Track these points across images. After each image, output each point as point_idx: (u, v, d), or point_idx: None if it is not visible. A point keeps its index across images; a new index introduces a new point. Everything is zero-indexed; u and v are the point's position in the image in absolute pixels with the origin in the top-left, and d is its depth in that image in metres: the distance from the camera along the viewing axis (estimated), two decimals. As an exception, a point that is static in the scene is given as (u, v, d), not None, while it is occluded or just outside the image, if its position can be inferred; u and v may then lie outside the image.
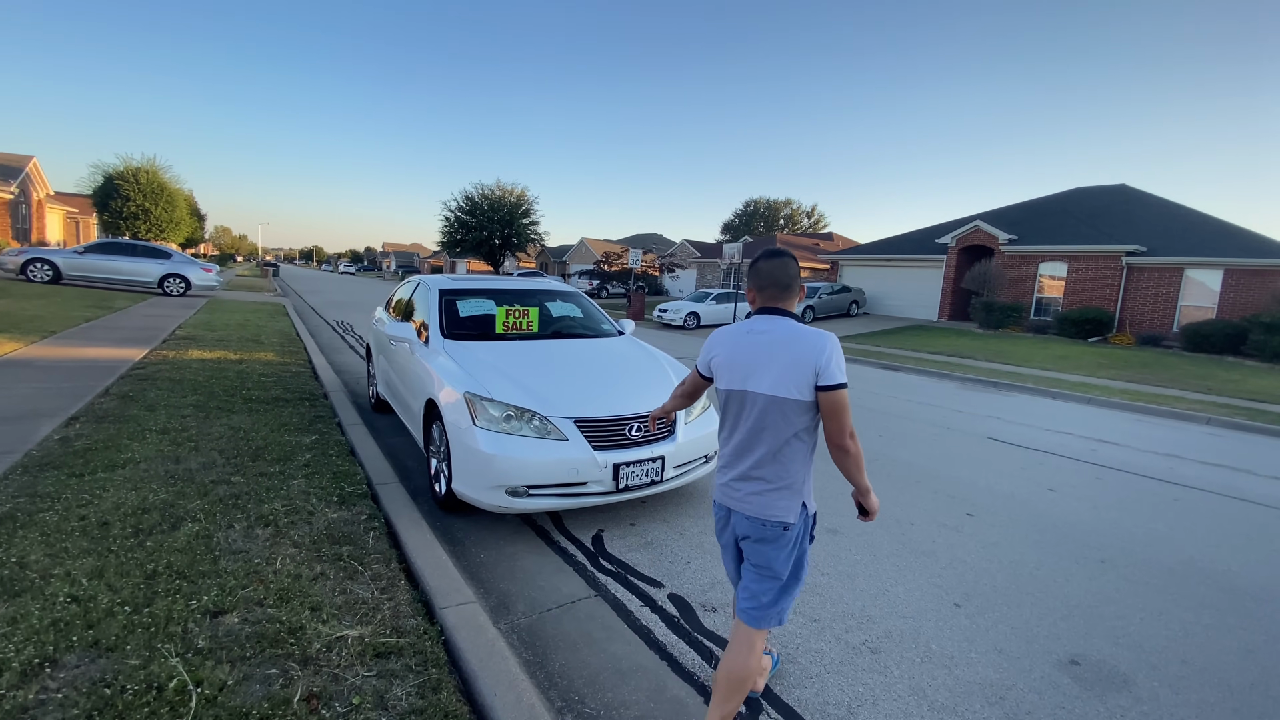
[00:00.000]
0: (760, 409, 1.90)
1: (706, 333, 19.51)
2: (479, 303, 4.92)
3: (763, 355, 1.91)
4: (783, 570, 1.98)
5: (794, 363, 1.85)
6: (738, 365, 1.96)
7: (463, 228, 46.78)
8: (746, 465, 1.95)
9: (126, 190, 26.44)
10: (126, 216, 26.52)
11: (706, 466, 4.12)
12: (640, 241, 49.90)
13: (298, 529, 3.21)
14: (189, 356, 7.91)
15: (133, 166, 26.97)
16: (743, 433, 1.96)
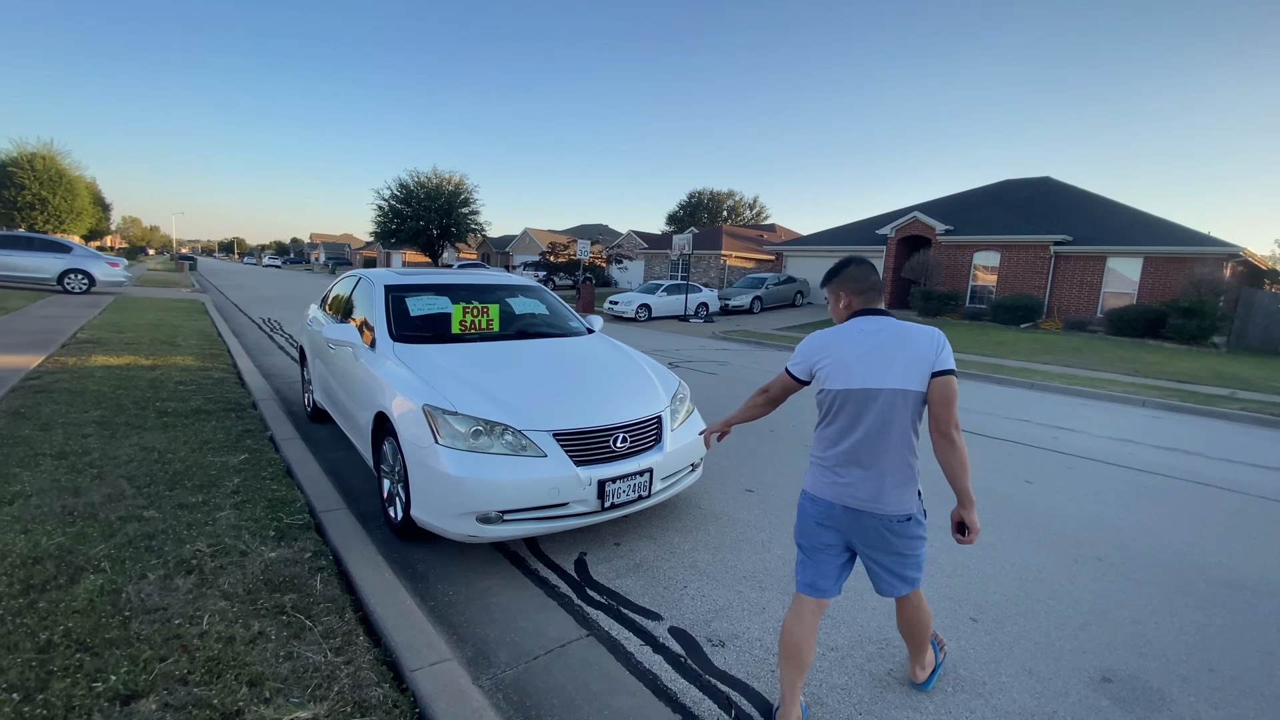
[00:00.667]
0: (886, 404, 1.95)
1: (658, 325, 19.27)
2: (432, 299, 4.42)
3: (887, 352, 1.97)
4: (917, 553, 2.08)
5: (916, 355, 1.95)
6: (860, 364, 1.99)
7: (398, 217, 44.82)
8: (870, 462, 1.99)
9: (20, 178, 23.66)
10: (21, 207, 23.76)
11: (693, 476, 3.82)
12: (586, 232, 49.13)
13: (228, 575, 2.70)
14: (92, 363, 6.99)
15: (27, 152, 24.17)
16: (864, 430, 1.98)
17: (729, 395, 8.01)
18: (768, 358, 12.50)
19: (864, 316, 2.08)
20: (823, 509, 2.08)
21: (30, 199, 23.68)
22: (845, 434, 2.02)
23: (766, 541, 3.58)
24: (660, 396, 3.70)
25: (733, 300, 23.57)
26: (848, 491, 2.02)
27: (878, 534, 2.01)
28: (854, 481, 2.01)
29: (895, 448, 1.96)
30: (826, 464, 2.08)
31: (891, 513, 1.99)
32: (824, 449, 2.10)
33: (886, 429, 1.96)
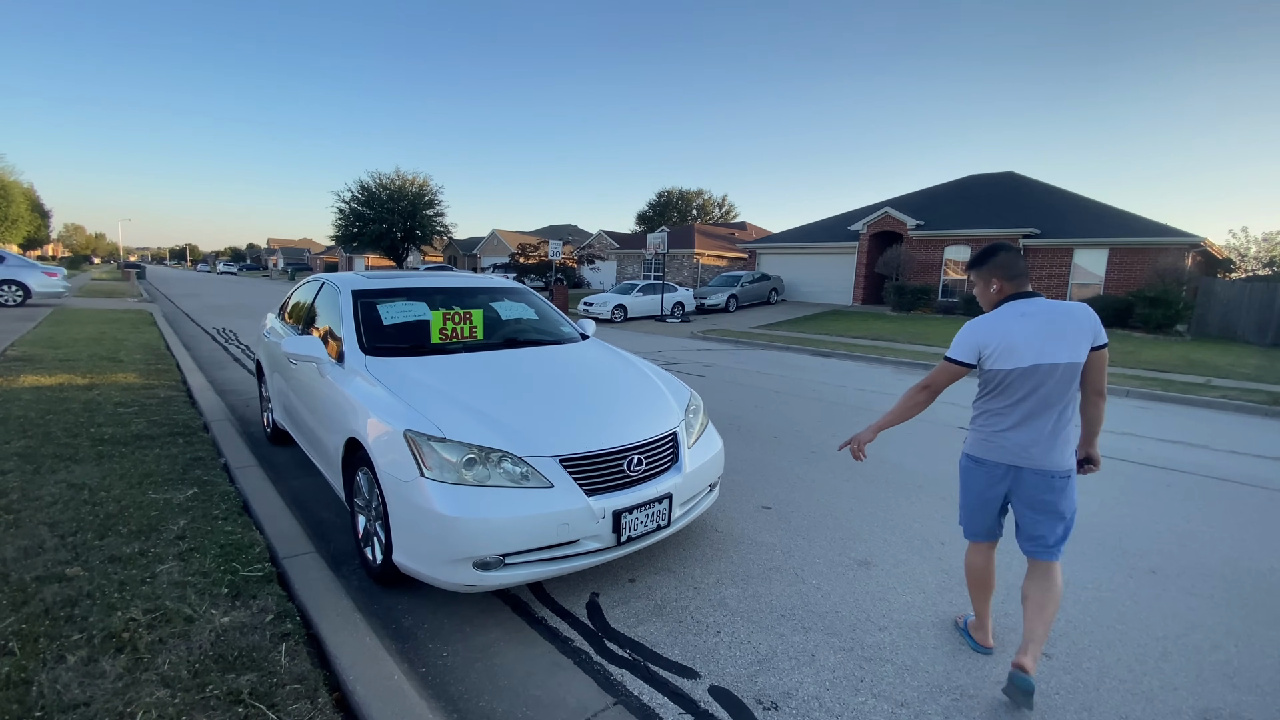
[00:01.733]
0: (1058, 376, 2.19)
1: (635, 326, 18.86)
2: (406, 306, 3.93)
3: (1055, 329, 2.20)
4: (1069, 510, 2.30)
5: (1081, 330, 2.20)
6: (1030, 343, 2.20)
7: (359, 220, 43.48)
8: (1041, 426, 2.23)
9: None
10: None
11: (711, 497, 3.42)
12: (555, 233, 48.38)
13: (169, 651, 2.20)
14: (20, 384, 6.25)
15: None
16: (1035, 401, 2.22)
17: (722, 397, 7.65)
18: (751, 356, 12.22)
19: (1019, 300, 2.28)
20: (990, 469, 2.36)
21: None
22: (1017, 405, 2.26)
23: (798, 569, 3.21)
24: (673, 409, 3.30)
25: (709, 299, 23.31)
26: (1018, 452, 2.27)
27: (1039, 489, 2.27)
28: (1023, 443, 2.26)
29: (1060, 411, 2.22)
30: (995, 429, 2.32)
31: (1055, 469, 2.25)
32: (992, 418, 2.33)
33: (1054, 397, 2.21)
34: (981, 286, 2.40)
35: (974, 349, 2.28)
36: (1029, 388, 2.21)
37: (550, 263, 26.56)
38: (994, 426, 2.32)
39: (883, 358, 12.25)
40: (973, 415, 2.44)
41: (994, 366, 2.26)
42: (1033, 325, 2.20)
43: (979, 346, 2.27)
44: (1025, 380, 2.21)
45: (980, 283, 2.39)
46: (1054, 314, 2.21)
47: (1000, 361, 2.24)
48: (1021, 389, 2.23)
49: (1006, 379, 2.25)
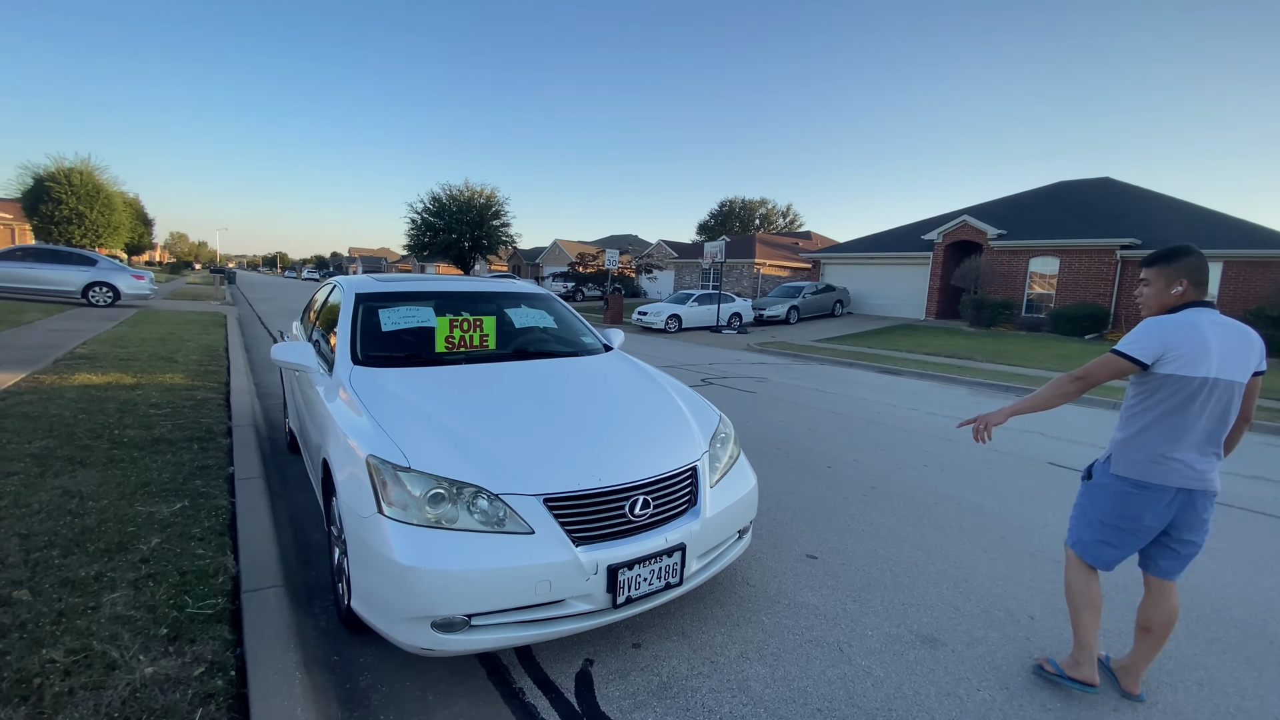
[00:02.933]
0: (1233, 394, 2.12)
1: (689, 337, 18.31)
2: (411, 311, 3.59)
3: (1241, 346, 2.14)
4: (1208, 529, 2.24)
5: (1255, 353, 2.16)
6: (1220, 355, 2.09)
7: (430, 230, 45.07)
8: (1212, 447, 2.16)
9: (58, 193, 24.12)
10: (59, 221, 24.21)
11: (739, 546, 2.87)
12: (615, 242, 48.51)
13: (74, 709, 1.86)
14: (71, 382, 6.39)
15: (65, 167, 24.65)
16: (1212, 418, 2.12)
17: (772, 418, 7.01)
18: (810, 372, 11.43)
19: (1204, 308, 2.16)
20: (1154, 495, 2.17)
21: (68, 214, 24.06)
22: (1195, 420, 2.12)
23: (844, 644, 2.60)
24: (695, 438, 2.78)
25: (768, 310, 22.48)
26: (1187, 473, 2.13)
27: (1196, 511, 2.18)
28: (1193, 463, 2.13)
29: (1225, 431, 2.15)
30: (1167, 451, 2.14)
31: (1213, 489, 2.17)
32: (1162, 435, 2.15)
33: (1227, 415, 2.13)
34: (1159, 286, 2.23)
35: (1158, 349, 2.12)
36: (1212, 401, 2.10)
37: (607, 272, 26.41)
38: (1165, 447, 2.14)
39: (958, 377, 11.20)
40: (1128, 432, 2.23)
41: (1175, 371, 2.11)
42: (1225, 336, 2.11)
43: (1165, 347, 2.11)
44: (1210, 393, 2.09)
45: (1159, 282, 2.23)
46: (1239, 331, 2.15)
47: (1186, 367, 2.09)
48: (1203, 402, 2.10)
49: (1189, 387, 2.10)
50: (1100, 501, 2.29)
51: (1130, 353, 2.15)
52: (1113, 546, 2.28)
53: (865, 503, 4.31)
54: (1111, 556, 2.29)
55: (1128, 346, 2.16)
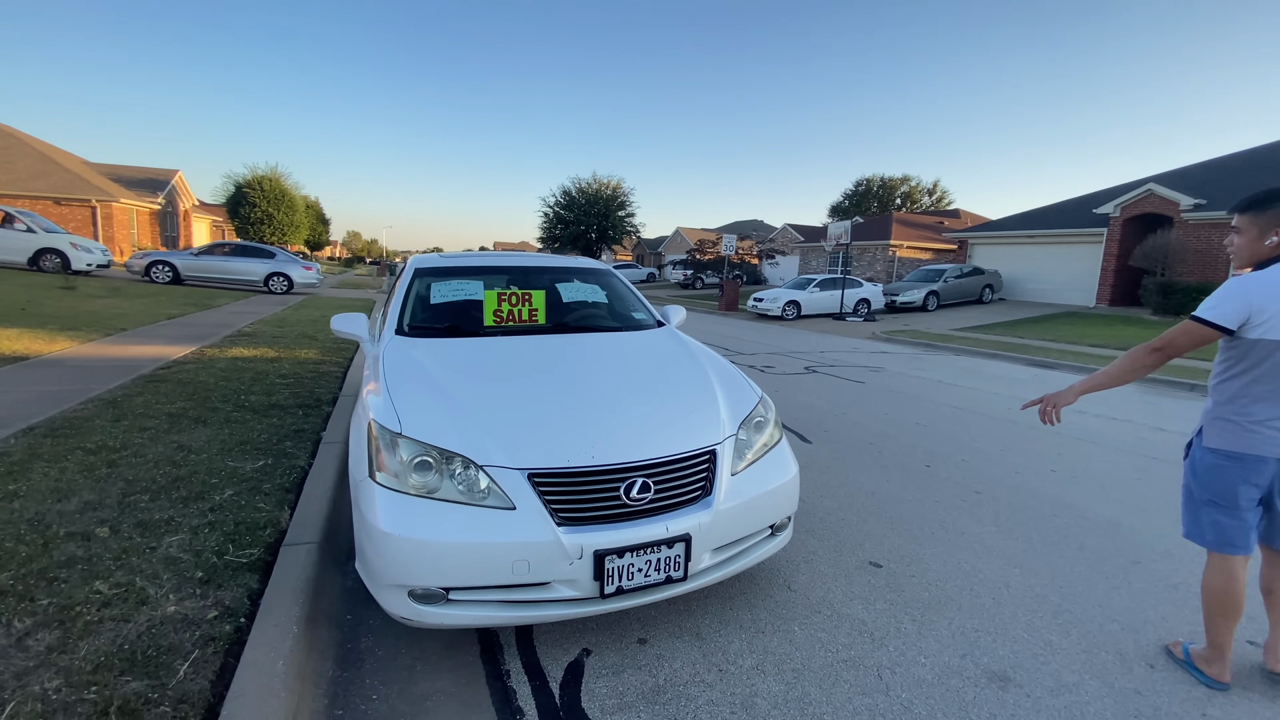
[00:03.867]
0: None
1: (810, 324, 17.37)
2: (462, 284, 3.60)
3: None
4: None
5: None
6: None
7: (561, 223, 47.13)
8: None
9: (253, 197, 28.54)
10: (253, 222, 28.64)
11: (772, 543, 2.53)
12: (739, 228, 47.36)
13: (95, 638, 2.03)
14: (226, 355, 7.37)
15: (258, 175, 29.08)
16: None
17: (874, 410, 6.34)
18: (939, 363, 10.28)
19: None
20: (1250, 465, 2.02)
21: (260, 215, 28.42)
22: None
23: (886, 668, 2.19)
24: (719, 419, 2.47)
25: (901, 296, 20.69)
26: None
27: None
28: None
29: None
30: (1260, 417, 1.98)
31: None
32: (1255, 403, 1.99)
33: None
34: (1252, 235, 2.02)
35: (1242, 311, 1.94)
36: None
37: (725, 258, 25.84)
38: (1259, 413, 1.98)
39: (1124, 373, 9.47)
40: (1217, 401, 2.07)
41: (1265, 335, 1.92)
42: None
43: (1250, 309, 1.93)
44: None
45: (1252, 230, 2.02)
46: None
47: (1277, 329, 1.89)
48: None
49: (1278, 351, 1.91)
50: (1200, 479, 2.10)
51: (1211, 318, 1.98)
52: (1224, 526, 2.06)
53: (961, 509, 3.69)
54: (1227, 537, 2.06)
55: (1208, 311, 1.99)
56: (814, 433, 5.28)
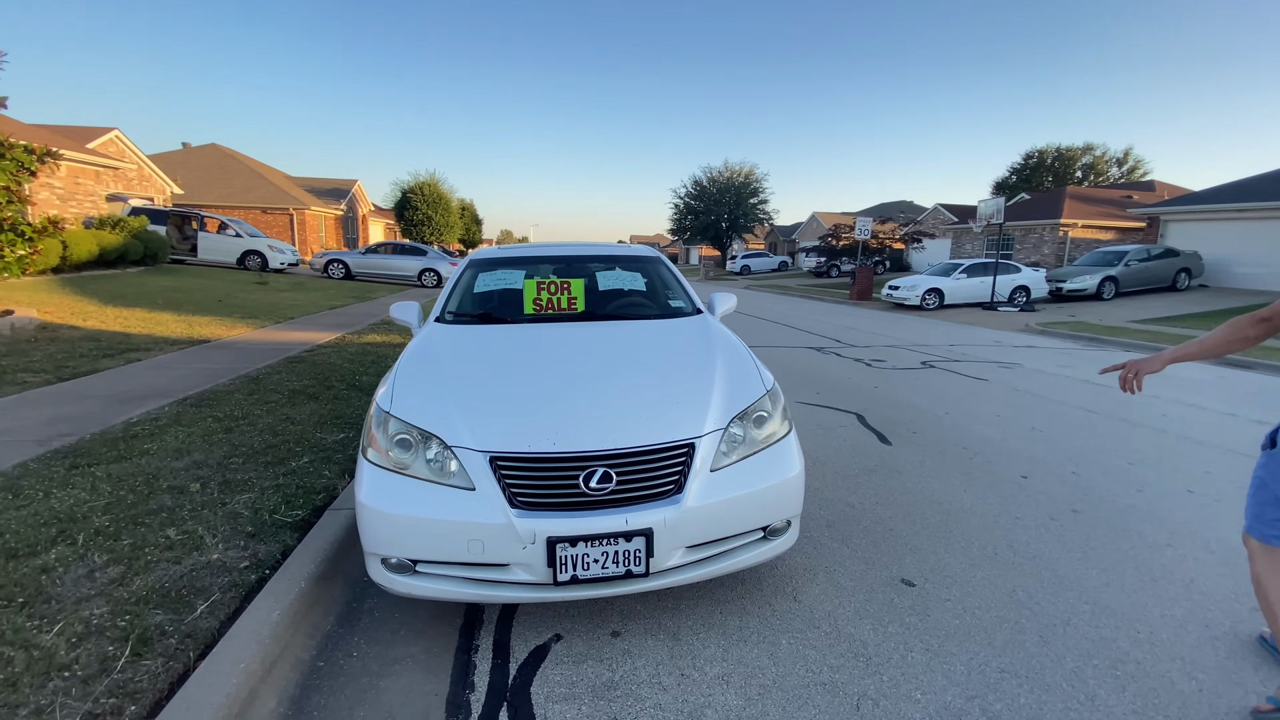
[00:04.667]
0: None
1: (953, 314, 15.79)
2: (504, 274, 3.74)
3: None
4: None
5: None
6: None
7: (691, 213, 47.14)
8: None
9: (415, 201, 31.95)
10: (415, 223, 32.07)
11: (764, 548, 2.34)
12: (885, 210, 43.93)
13: (148, 575, 2.40)
14: (360, 340, 8.33)
15: (419, 181, 32.50)
16: None
17: (987, 411, 5.60)
18: (1095, 360, 8.83)
19: None
20: None
21: (421, 217, 31.72)
22: None
23: (867, 697, 1.93)
24: (706, 412, 2.32)
25: (1069, 283, 18.03)
26: None
27: None
28: None
29: None
30: None
31: None
32: None
33: None
34: None
35: None
36: None
37: (860, 243, 24.17)
38: None
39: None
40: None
41: None
42: None
43: None
44: None
45: None
46: None
47: None
48: None
49: None
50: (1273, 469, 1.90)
51: None
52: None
53: (1046, 529, 3.14)
54: None
55: None
56: (900, 434, 4.79)
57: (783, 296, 22.34)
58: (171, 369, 6.10)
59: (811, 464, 4.05)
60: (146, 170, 22.46)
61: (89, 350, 6.71)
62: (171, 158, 29.36)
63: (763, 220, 48.09)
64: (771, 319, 13.66)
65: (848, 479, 3.81)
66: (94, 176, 16.16)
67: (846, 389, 6.38)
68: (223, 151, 31.06)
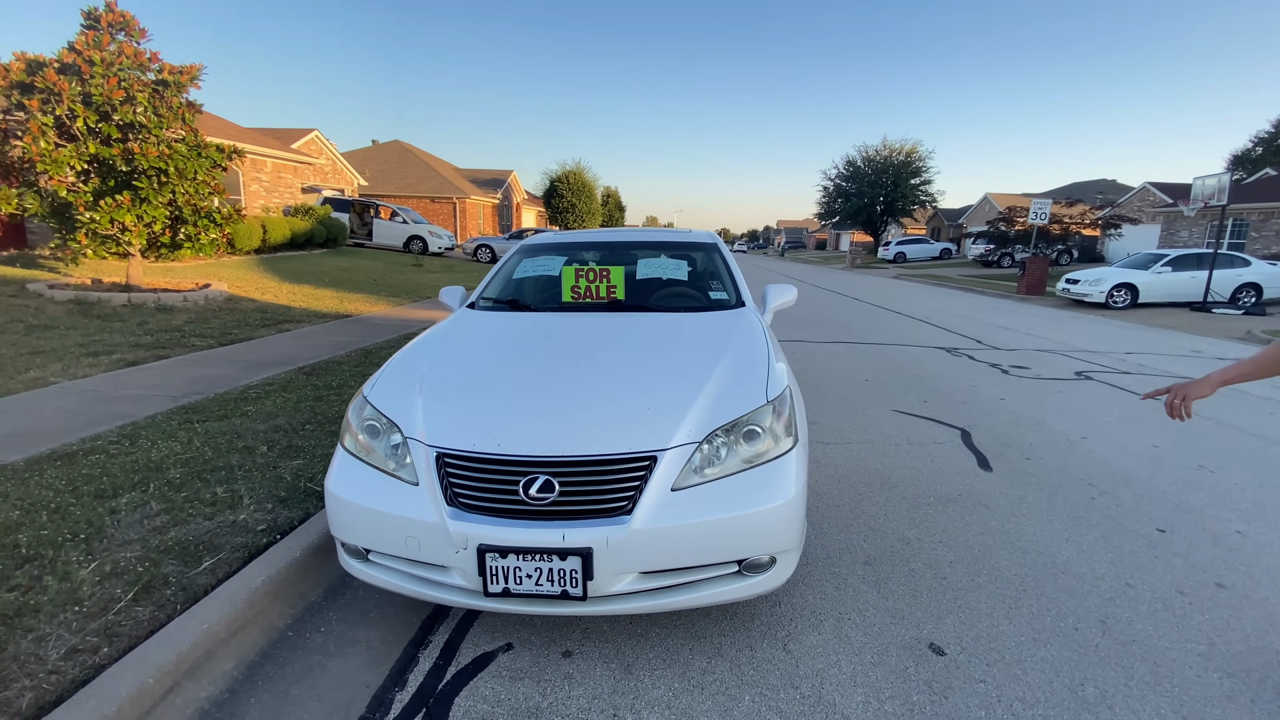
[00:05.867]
0: None
1: (1150, 316, 13.25)
2: (545, 261, 3.65)
3: None
4: None
5: None
6: None
7: (841, 195, 44.34)
8: None
9: (561, 189, 33.56)
10: (561, 210, 33.73)
11: (744, 584, 2.01)
12: (1076, 191, 37.64)
13: (182, 527, 2.65)
14: (475, 320, 8.85)
15: (565, 170, 34.07)
16: None
17: (1125, 442, 4.51)
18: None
19: None
20: None
21: (566, 205, 33.26)
22: None
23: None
24: (680, 421, 2.03)
25: (1323, 281, 14.23)
26: None
27: None
28: None
29: None
30: None
31: None
32: None
33: None
34: None
35: None
36: None
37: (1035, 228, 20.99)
38: None
39: None
40: None
41: None
42: None
43: None
44: None
45: None
46: None
47: None
48: None
49: None
50: None
51: None
52: None
53: (1163, 604, 2.40)
54: None
55: None
56: (1009, 459, 4.01)
57: (935, 288, 20.17)
58: (307, 340, 6.91)
59: (875, 486, 3.52)
60: (339, 165, 25.91)
61: (255, 320, 7.84)
62: (363, 153, 33.62)
63: (925, 203, 43.92)
64: (909, 314, 12.36)
65: (915, 508, 3.25)
66: (293, 171, 18.97)
67: (963, 399, 5.51)
68: (403, 147, 34.89)
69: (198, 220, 8.23)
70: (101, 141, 7.35)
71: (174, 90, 7.79)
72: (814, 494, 3.39)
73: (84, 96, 7.04)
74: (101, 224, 7.37)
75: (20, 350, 5.48)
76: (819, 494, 3.40)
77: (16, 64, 6.75)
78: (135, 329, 6.74)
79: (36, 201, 7.29)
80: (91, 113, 7.10)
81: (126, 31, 7.55)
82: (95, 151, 7.23)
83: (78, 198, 7.28)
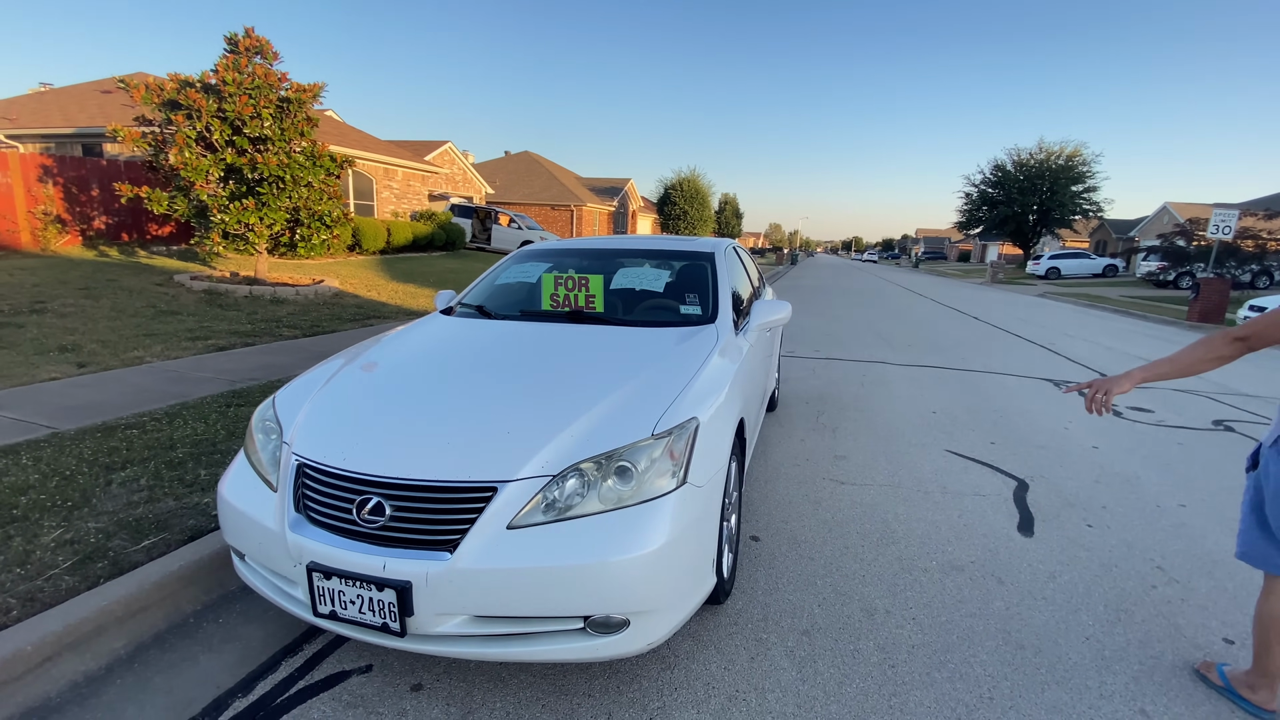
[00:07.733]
0: None
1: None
2: (528, 268, 3.57)
3: None
4: None
5: None
6: None
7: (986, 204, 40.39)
8: None
9: (674, 196, 33.73)
10: (674, 217, 33.93)
11: (584, 643, 1.77)
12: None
13: (158, 504, 2.86)
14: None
15: (680, 178, 34.20)
16: None
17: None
18: None
19: None
20: None
21: (679, 211, 33.38)
22: None
23: None
24: (536, 448, 1.84)
25: None
26: None
27: None
28: None
29: None
30: None
31: None
32: None
33: None
34: None
35: None
36: None
37: (1230, 245, 17.60)
38: None
39: None
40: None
41: None
42: None
43: None
44: None
45: None
46: None
47: None
48: None
49: None
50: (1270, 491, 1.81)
51: None
52: None
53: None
54: None
55: None
56: (1064, 523, 3.30)
57: (1083, 310, 17.59)
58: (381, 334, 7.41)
59: (871, 540, 3.03)
60: (469, 174, 27.93)
61: (349, 314, 8.56)
62: (495, 164, 36.05)
63: (1087, 213, 38.84)
64: (1030, 337, 10.85)
65: (905, 573, 2.74)
66: (421, 179, 20.72)
67: (1043, 443, 4.67)
68: (531, 157, 36.95)
69: (311, 223, 9.16)
70: (237, 152, 8.42)
71: (296, 106, 8.75)
72: (792, 542, 2.99)
73: (220, 113, 8.11)
74: (231, 224, 8.44)
75: (138, 332, 6.39)
76: (797, 541, 2.99)
77: (170, 83, 7.96)
78: (243, 318, 7.62)
79: (185, 204, 8.51)
80: (226, 127, 8.17)
81: (262, 54, 8.61)
82: (231, 161, 8.30)
83: (214, 201, 8.40)
